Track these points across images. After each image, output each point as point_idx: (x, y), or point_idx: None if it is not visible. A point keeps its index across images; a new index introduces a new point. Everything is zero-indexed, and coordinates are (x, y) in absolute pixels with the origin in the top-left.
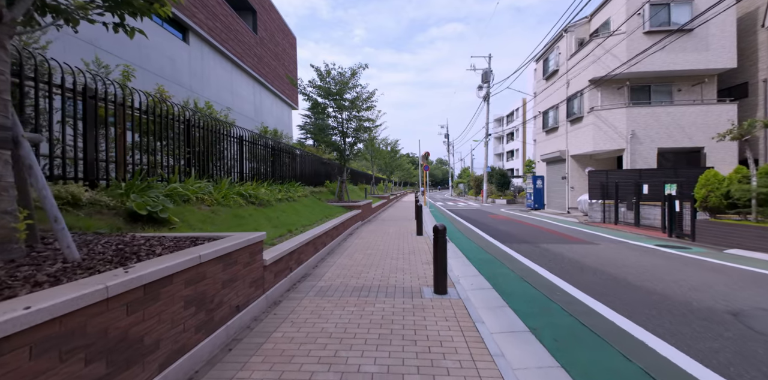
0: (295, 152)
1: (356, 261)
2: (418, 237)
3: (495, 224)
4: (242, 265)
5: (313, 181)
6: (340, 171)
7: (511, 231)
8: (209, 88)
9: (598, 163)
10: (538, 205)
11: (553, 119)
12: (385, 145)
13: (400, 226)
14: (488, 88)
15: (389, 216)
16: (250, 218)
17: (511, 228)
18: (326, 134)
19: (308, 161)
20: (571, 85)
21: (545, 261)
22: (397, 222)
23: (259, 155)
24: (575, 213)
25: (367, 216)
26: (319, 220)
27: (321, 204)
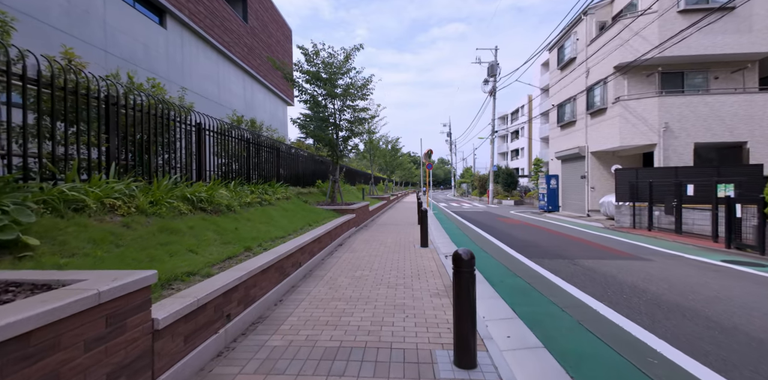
0: (280, 147)
1: (338, 291)
2: (422, 249)
3: (510, 230)
4: (88, 344)
5: (303, 180)
6: (332, 169)
7: (532, 240)
8: (191, 78)
9: (621, 161)
10: (552, 207)
11: (570, 112)
12: (385, 142)
13: (401, 234)
14: (495, 81)
15: (389, 220)
16: (189, 233)
17: (530, 235)
18: (320, 127)
19: (297, 158)
20: (591, 74)
21: (599, 289)
22: (397, 227)
23: (231, 150)
24: (597, 217)
25: (362, 221)
26: (298, 230)
27: (306, 208)
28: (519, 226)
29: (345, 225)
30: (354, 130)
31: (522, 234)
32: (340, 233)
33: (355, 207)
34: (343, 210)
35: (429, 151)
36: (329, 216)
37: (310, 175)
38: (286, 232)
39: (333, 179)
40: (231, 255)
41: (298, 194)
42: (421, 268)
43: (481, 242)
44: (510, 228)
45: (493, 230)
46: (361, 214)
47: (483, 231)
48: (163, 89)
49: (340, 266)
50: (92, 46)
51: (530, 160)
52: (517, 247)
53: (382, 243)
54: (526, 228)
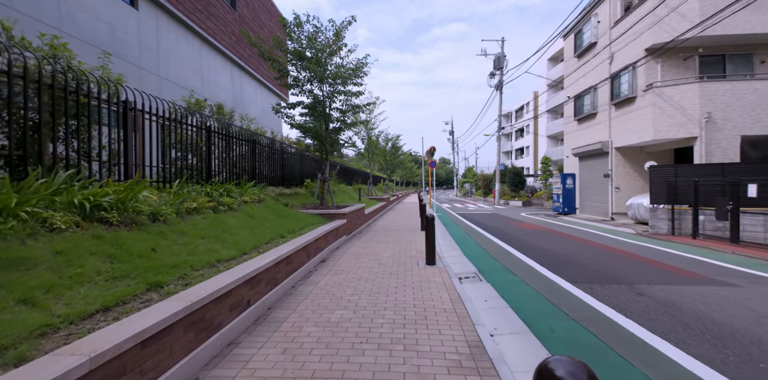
0: (258, 140)
1: (297, 358)
2: (428, 268)
3: (530, 238)
4: None
5: (290, 180)
6: (320, 166)
7: (564, 253)
8: (168, 66)
9: (650, 158)
10: (568, 209)
11: (590, 104)
12: (385, 140)
13: (401, 243)
14: (501, 74)
15: (387, 225)
16: (48, 264)
17: (558, 245)
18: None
19: (282, 154)
20: (616, 60)
21: (709, 347)
22: (397, 234)
23: (186, 140)
24: (623, 221)
25: (356, 226)
26: (263, 245)
27: (285, 213)
28: (539, 233)
29: (332, 234)
30: (346, 120)
31: (547, 244)
32: (324, 245)
33: (347, 210)
34: (332, 215)
35: (431, 148)
36: (313, 223)
37: (298, 174)
38: (242, 250)
39: (322, 178)
40: (113, 302)
41: (279, 195)
42: (429, 304)
43: (502, 256)
44: (529, 235)
45: (511, 238)
46: (354, 219)
47: (499, 239)
48: (69, 51)
49: (314, 300)
50: (42, 23)
51: (536, 159)
52: (549, 264)
53: (376, 259)
54: (549, 235)
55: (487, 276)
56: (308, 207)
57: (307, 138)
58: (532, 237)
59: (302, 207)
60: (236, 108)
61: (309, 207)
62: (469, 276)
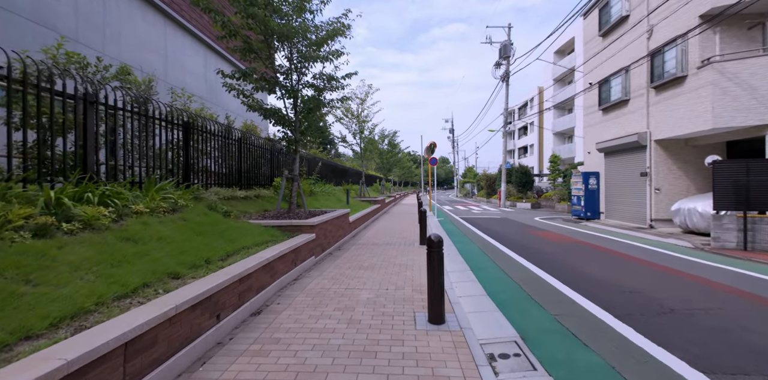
0: (196, 124)
1: None
2: (433, 334)
3: (566, 256)
4: None
5: (251, 179)
6: (285, 161)
7: (633, 287)
8: (120, 45)
9: (697, 152)
10: (591, 214)
11: (621, 89)
12: (381, 136)
13: (391, 271)
14: (508, 64)
15: (378, 236)
16: None
17: (612, 271)
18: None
19: (239, 147)
20: (657, 33)
21: None
22: (388, 251)
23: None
24: (666, 229)
25: (333, 240)
26: (114, 300)
27: (218, 227)
28: (572, 248)
29: (286, 260)
30: (322, 98)
31: (595, 267)
32: (267, 281)
33: (318, 220)
34: (296, 228)
35: (431, 144)
36: (261, 242)
37: (267, 173)
38: (61, 315)
39: (289, 176)
40: None
41: (228, 200)
42: None
43: (544, 295)
44: (561, 251)
45: (542, 258)
46: (331, 231)
47: (526, 259)
48: None
49: None
50: None
51: (541, 158)
52: (630, 316)
53: (347, 307)
54: (587, 251)
55: (538, 348)
56: (267, 216)
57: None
58: (566, 254)
59: (259, 215)
60: (211, 98)
61: (268, 216)
62: (507, 354)
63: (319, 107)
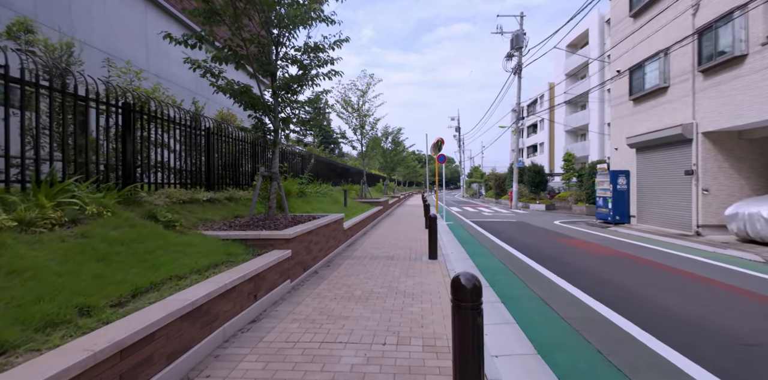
0: (154, 111)
1: None
2: None
3: (617, 277)
4: None
5: (224, 178)
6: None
7: (745, 334)
8: (91, 28)
9: (751, 146)
10: (620, 217)
11: (659, 75)
12: (385, 134)
13: (392, 304)
14: (520, 56)
15: (378, 246)
16: None
17: (700, 305)
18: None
19: (207, 139)
20: (705, 8)
21: None
22: (389, 270)
23: None
24: (719, 237)
25: (318, 256)
26: None
27: (147, 245)
28: (617, 262)
29: (242, 292)
30: (307, 76)
31: (665, 295)
32: (195, 337)
33: (296, 232)
34: (266, 242)
35: (439, 141)
36: (211, 264)
37: (249, 171)
38: None
39: (266, 173)
40: None
41: (184, 203)
42: None
43: (625, 353)
44: (607, 268)
45: (588, 279)
46: (319, 242)
47: (569, 283)
48: None
49: None
50: None
51: (552, 156)
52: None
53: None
54: (640, 268)
55: None
56: (234, 226)
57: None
58: (619, 274)
59: (223, 224)
60: (198, 89)
61: (236, 225)
62: None
63: (302, 85)
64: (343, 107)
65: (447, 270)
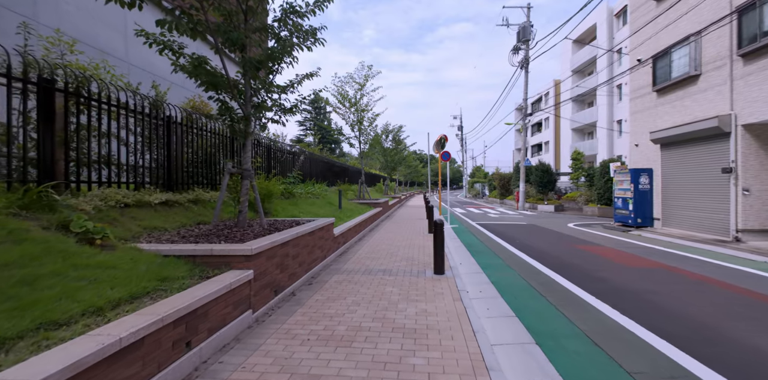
0: (96, 94)
1: None
2: None
3: (668, 298)
4: None
5: (192, 176)
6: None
7: None
8: (59, 14)
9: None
10: (642, 220)
11: (689, 62)
12: (385, 131)
13: (386, 352)
14: (527, 49)
15: (374, 256)
16: None
17: None
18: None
19: (167, 129)
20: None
21: None
22: (383, 290)
23: None
24: (762, 243)
25: (300, 271)
26: None
27: (4, 274)
28: (659, 277)
29: (162, 344)
30: (286, 45)
31: (743, 328)
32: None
33: (263, 245)
34: (222, 259)
35: (442, 137)
36: (130, 297)
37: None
38: None
39: (235, 171)
40: None
41: (126, 208)
42: None
43: None
44: (650, 284)
45: (634, 301)
46: (298, 255)
47: (614, 308)
48: None
49: None
50: None
51: (557, 155)
52: None
53: None
54: (689, 285)
55: None
56: (188, 236)
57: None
58: (668, 293)
59: (177, 234)
60: (195, 88)
61: (191, 236)
62: None
63: (278, 61)
64: (339, 101)
65: (458, 291)
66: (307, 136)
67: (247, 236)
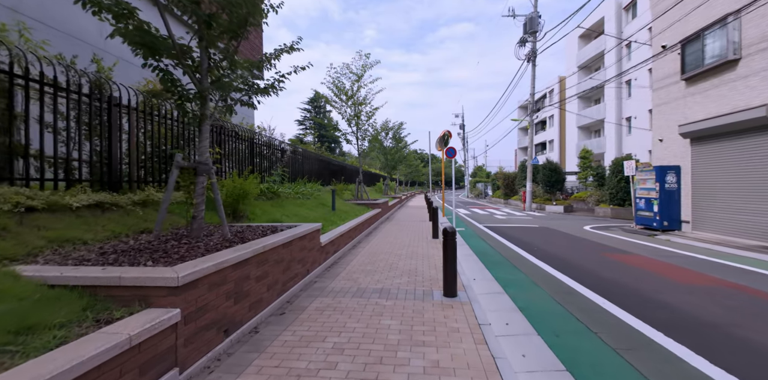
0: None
1: None
2: None
3: (759, 336)
4: None
5: (135, 172)
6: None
7: None
8: None
9: None
10: (669, 223)
11: (725, 45)
12: (384, 127)
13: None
14: (534, 41)
15: (370, 269)
16: None
17: None
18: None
19: (106, 110)
20: None
21: None
22: (379, 324)
23: None
24: None
25: (270, 297)
26: None
27: None
28: (727, 299)
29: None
30: None
31: None
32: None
33: (193, 271)
34: (136, 291)
35: (445, 134)
36: None
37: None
38: None
39: (186, 164)
40: None
41: (27, 213)
42: None
43: None
44: (739, 316)
45: (724, 345)
46: (266, 274)
47: (708, 361)
48: None
49: None
50: None
51: (562, 154)
52: None
53: None
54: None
55: None
56: (109, 252)
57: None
58: (755, 329)
59: (98, 249)
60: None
61: (111, 252)
62: None
63: (244, 23)
64: (335, 94)
65: (479, 326)
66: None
67: (194, 252)
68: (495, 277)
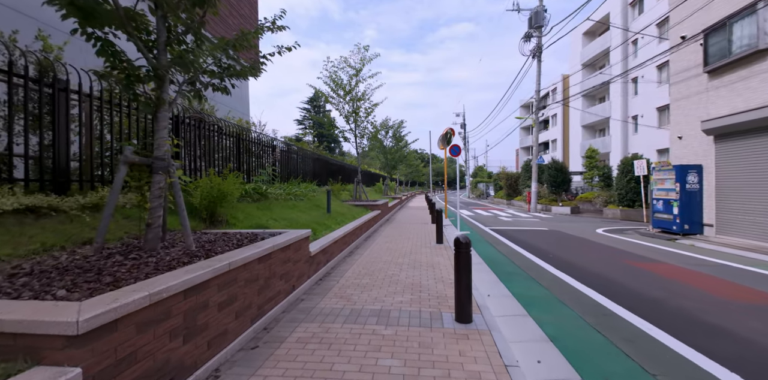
0: None
1: None
2: None
3: None
4: None
5: (88, 170)
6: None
7: None
8: None
9: None
10: (690, 226)
11: (755, 35)
12: (384, 126)
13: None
14: (540, 36)
15: (367, 283)
16: None
17: None
18: None
19: (49, 95)
20: None
21: None
22: (375, 373)
23: None
24: None
25: (236, 331)
26: None
27: None
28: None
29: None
30: None
31: None
32: None
33: (102, 310)
34: (13, 341)
35: (448, 132)
36: None
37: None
38: None
39: (137, 160)
40: None
41: None
42: None
43: None
44: None
45: None
46: (221, 303)
47: None
48: None
49: None
50: None
51: (566, 153)
52: None
53: None
54: None
55: None
56: (28, 273)
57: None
58: None
59: (11, 268)
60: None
61: (30, 273)
62: None
63: None
64: (332, 89)
65: (504, 367)
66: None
67: (137, 272)
68: (512, 293)
